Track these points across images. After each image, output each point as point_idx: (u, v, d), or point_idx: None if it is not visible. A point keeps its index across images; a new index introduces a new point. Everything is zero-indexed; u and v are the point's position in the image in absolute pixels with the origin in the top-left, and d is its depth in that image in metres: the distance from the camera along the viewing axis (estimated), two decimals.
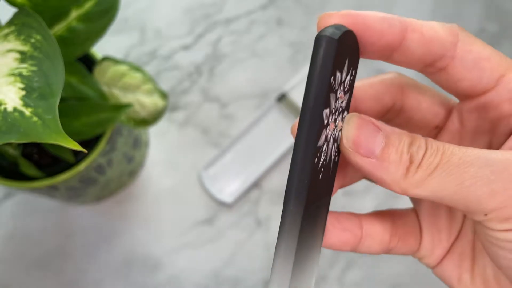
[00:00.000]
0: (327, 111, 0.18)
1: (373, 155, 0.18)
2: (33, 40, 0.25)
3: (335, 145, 0.19)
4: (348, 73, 0.19)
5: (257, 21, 0.54)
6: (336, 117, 0.19)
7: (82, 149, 0.23)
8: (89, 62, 0.39)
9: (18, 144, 0.37)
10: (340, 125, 0.19)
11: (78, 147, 0.22)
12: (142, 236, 0.49)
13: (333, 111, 0.18)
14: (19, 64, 0.24)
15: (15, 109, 0.23)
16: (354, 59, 0.19)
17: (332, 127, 0.19)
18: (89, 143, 0.39)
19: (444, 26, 0.19)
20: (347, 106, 0.20)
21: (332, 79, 0.18)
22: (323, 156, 0.19)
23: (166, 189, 0.50)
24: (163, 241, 0.49)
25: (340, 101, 0.19)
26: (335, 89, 0.18)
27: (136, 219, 0.50)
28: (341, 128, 0.19)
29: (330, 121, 0.18)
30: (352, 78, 0.19)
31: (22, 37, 0.25)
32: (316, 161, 0.18)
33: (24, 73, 0.24)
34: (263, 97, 0.52)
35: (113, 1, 0.34)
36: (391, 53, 0.19)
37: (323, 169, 0.19)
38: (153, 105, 0.39)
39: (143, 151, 0.49)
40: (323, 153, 0.18)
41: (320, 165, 0.18)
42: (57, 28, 0.33)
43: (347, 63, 0.19)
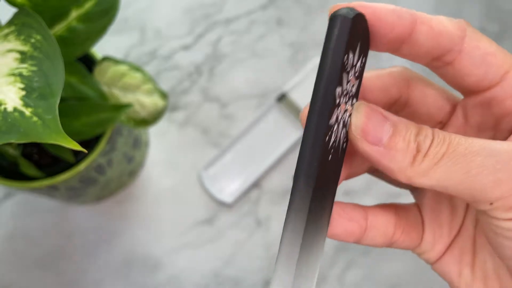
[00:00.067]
0: (339, 90, 0.18)
1: (380, 143, 0.18)
2: (33, 40, 0.25)
3: (344, 130, 0.19)
4: (359, 58, 0.19)
5: (257, 21, 0.54)
6: (346, 100, 0.19)
7: (82, 149, 0.23)
8: (89, 62, 0.39)
9: (18, 144, 0.37)
10: (350, 109, 0.19)
11: (78, 147, 0.22)
12: (142, 236, 0.49)
13: (344, 93, 0.18)
14: (19, 64, 0.24)
15: (15, 109, 0.23)
16: (365, 46, 0.19)
17: (343, 109, 0.19)
18: (89, 143, 0.39)
19: (452, 20, 0.19)
20: (356, 93, 0.20)
21: (345, 58, 0.18)
22: (333, 137, 0.18)
23: (166, 189, 0.50)
24: (163, 241, 0.49)
25: (350, 85, 0.19)
26: (347, 70, 0.18)
27: (136, 219, 0.50)
28: (351, 113, 0.19)
29: (341, 101, 0.18)
30: (362, 65, 0.19)
31: (22, 37, 0.25)
32: (327, 139, 0.18)
33: (24, 73, 0.24)
34: (263, 97, 0.52)
35: (113, 1, 0.34)
36: (400, 45, 0.19)
37: (332, 151, 0.19)
38: (153, 105, 0.39)
39: (143, 151, 0.49)
40: (333, 134, 0.18)
41: (330, 146, 0.18)
42: (57, 28, 0.33)
43: (358, 48, 0.19)
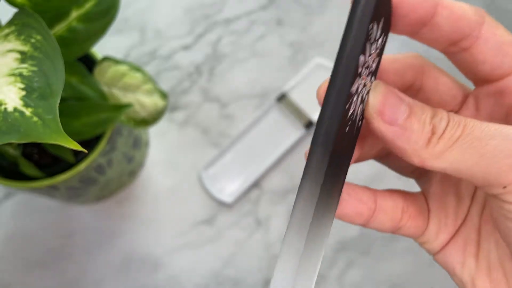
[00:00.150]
0: (362, 59, 0.18)
1: (396, 124, 0.18)
2: (33, 40, 0.25)
3: (361, 106, 0.19)
4: (381, 35, 0.19)
5: (257, 21, 0.54)
6: (367, 74, 0.18)
7: (82, 149, 0.23)
8: (89, 62, 0.39)
9: (18, 144, 0.37)
10: (368, 85, 0.19)
11: (78, 147, 0.22)
12: (142, 236, 0.49)
13: (365, 65, 0.18)
14: (19, 64, 0.24)
15: (15, 109, 0.23)
16: (387, 24, 0.19)
17: (364, 80, 0.18)
18: (89, 143, 0.39)
19: (471, 7, 0.19)
20: (375, 71, 0.19)
21: (370, 26, 0.18)
22: (352, 109, 0.18)
23: (166, 189, 0.50)
24: (163, 241, 0.49)
25: (371, 59, 0.19)
26: (371, 41, 0.18)
27: (136, 219, 0.50)
28: (368, 91, 0.19)
29: (362, 72, 0.18)
30: (383, 43, 0.19)
31: (22, 37, 0.25)
32: (347, 107, 0.18)
33: (24, 73, 0.24)
34: (263, 97, 0.52)
35: (113, 1, 0.34)
36: (420, 28, 0.19)
37: (350, 123, 0.18)
38: (153, 105, 0.39)
39: (143, 151, 0.49)
40: (352, 105, 0.18)
41: (348, 116, 0.18)
42: (57, 28, 0.33)
43: (382, 23, 0.18)
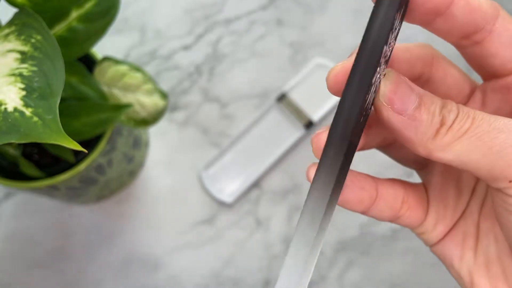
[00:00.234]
0: (385, 49, 0.18)
1: (405, 113, 0.18)
2: (33, 40, 0.25)
3: (373, 95, 0.19)
4: (399, 22, 0.18)
5: (257, 21, 0.54)
6: (384, 62, 0.18)
7: (82, 149, 0.23)
8: (89, 62, 0.39)
9: (18, 144, 0.37)
10: (382, 74, 0.19)
11: (78, 147, 0.22)
12: (142, 236, 0.49)
13: (384, 54, 0.18)
14: (19, 64, 0.24)
15: (15, 109, 0.23)
16: (404, 12, 0.19)
17: (382, 70, 0.18)
18: (89, 143, 0.39)
19: (487, 0, 0.19)
20: (388, 59, 0.19)
21: (396, 16, 0.17)
22: (368, 98, 0.18)
23: (166, 189, 0.50)
24: (163, 241, 0.49)
25: (390, 48, 0.18)
26: (392, 30, 0.18)
27: (136, 219, 0.50)
28: (380, 80, 0.19)
29: (381, 62, 0.18)
30: (398, 31, 0.19)
31: (22, 37, 0.25)
32: (365, 97, 0.18)
33: (24, 73, 0.24)
34: (263, 97, 0.52)
35: (113, 1, 0.34)
36: (435, 18, 0.19)
37: (364, 112, 0.18)
38: (153, 105, 0.39)
39: (143, 151, 0.49)
40: (369, 94, 0.18)
41: (365, 105, 0.18)
42: (57, 28, 0.33)
43: (401, 12, 0.18)
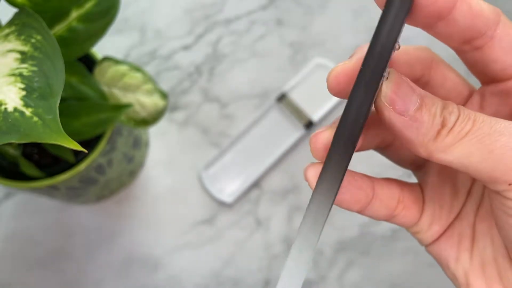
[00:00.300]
0: (393, 52, 0.18)
1: (406, 114, 0.18)
2: (33, 40, 0.25)
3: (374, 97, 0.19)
4: (403, 26, 0.19)
5: (257, 21, 0.54)
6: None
7: (82, 149, 0.23)
8: (89, 62, 0.39)
9: (18, 144, 0.37)
10: (386, 75, 0.19)
11: (78, 147, 0.22)
12: (142, 236, 0.49)
13: (391, 56, 0.18)
14: (19, 64, 0.24)
15: (15, 109, 0.23)
16: (409, 13, 0.19)
17: (387, 72, 0.18)
18: (89, 143, 0.39)
19: (489, 5, 0.19)
20: (389, 61, 0.19)
21: (404, 20, 0.17)
22: (374, 98, 0.18)
23: (166, 189, 0.50)
24: (163, 241, 0.49)
25: (395, 50, 0.18)
26: (400, 33, 0.18)
27: (136, 219, 0.50)
28: (383, 81, 0.19)
29: (388, 66, 0.18)
30: (400, 34, 0.19)
31: (22, 37, 0.25)
32: (372, 101, 0.18)
33: (24, 73, 0.24)
34: (263, 97, 0.52)
35: (113, 1, 0.34)
36: (437, 22, 0.19)
37: (369, 114, 0.18)
38: (153, 105, 0.39)
39: (143, 151, 0.49)
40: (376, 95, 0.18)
41: (372, 104, 0.18)
42: (57, 28, 0.33)
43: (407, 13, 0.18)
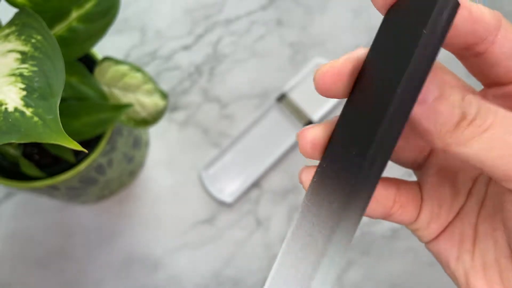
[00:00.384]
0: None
1: (425, 103, 0.18)
2: (33, 40, 0.25)
3: None
4: None
5: (257, 21, 0.54)
6: None
7: (82, 149, 0.23)
8: (89, 62, 0.39)
9: (18, 144, 0.37)
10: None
11: (78, 147, 0.23)
12: (142, 235, 0.49)
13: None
14: (19, 64, 0.24)
15: (15, 109, 0.23)
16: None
17: None
18: (90, 143, 0.39)
19: (489, 10, 0.19)
20: None
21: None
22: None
23: (166, 189, 0.50)
24: (163, 241, 0.49)
25: None
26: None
27: (136, 219, 0.50)
28: None
29: None
30: None
31: (22, 37, 0.25)
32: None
33: (24, 73, 0.24)
34: (263, 97, 0.52)
35: (114, 1, 0.34)
36: None
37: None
38: (153, 105, 0.39)
39: (143, 151, 0.49)
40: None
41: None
42: (57, 28, 0.33)
43: None
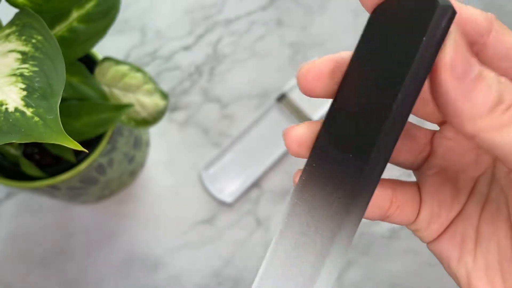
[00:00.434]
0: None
1: (464, 80, 0.16)
2: (34, 40, 0.25)
3: None
4: None
5: (257, 21, 0.54)
6: None
7: (83, 149, 0.23)
8: (90, 62, 0.39)
9: (19, 144, 0.37)
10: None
11: (79, 147, 0.23)
12: (142, 235, 0.49)
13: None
14: (20, 64, 0.24)
15: (16, 109, 0.23)
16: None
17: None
18: (90, 143, 0.39)
19: (481, 12, 0.19)
20: None
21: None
22: None
23: (166, 189, 0.50)
24: (163, 241, 0.49)
25: None
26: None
27: (136, 219, 0.50)
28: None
29: None
30: None
31: (23, 37, 0.25)
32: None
33: (25, 74, 0.24)
34: (263, 97, 0.52)
35: (114, 1, 0.34)
36: None
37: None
38: (153, 105, 0.39)
39: (143, 151, 0.49)
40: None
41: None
42: (58, 28, 0.33)
43: None
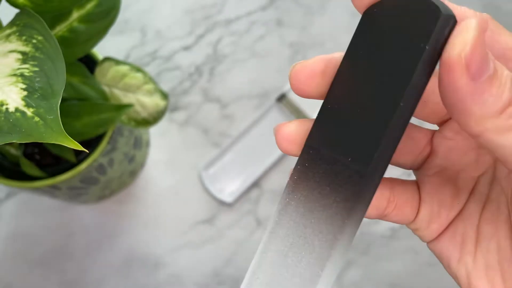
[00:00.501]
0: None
1: (477, 80, 0.16)
2: (34, 40, 0.25)
3: None
4: None
5: (257, 21, 0.54)
6: None
7: (83, 149, 0.23)
8: (90, 62, 0.39)
9: (19, 144, 0.37)
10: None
11: (79, 147, 0.23)
12: (142, 235, 0.49)
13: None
14: (20, 64, 0.24)
15: (17, 109, 0.23)
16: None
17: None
18: (90, 143, 0.39)
19: (475, 12, 0.19)
20: None
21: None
22: None
23: (166, 189, 0.50)
24: (163, 241, 0.49)
25: None
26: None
27: (137, 219, 0.50)
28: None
29: None
30: None
31: (23, 37, 0.25)
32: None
33: (25, 74, 0.24)
34: (263, 97, 0.52)
35: (114, 2, 0.34)
36: None
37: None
38: (153, 105, 0.39)
39: (143, 151, 0.49)
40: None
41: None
42: (58, 28, 0.34)
43: None
